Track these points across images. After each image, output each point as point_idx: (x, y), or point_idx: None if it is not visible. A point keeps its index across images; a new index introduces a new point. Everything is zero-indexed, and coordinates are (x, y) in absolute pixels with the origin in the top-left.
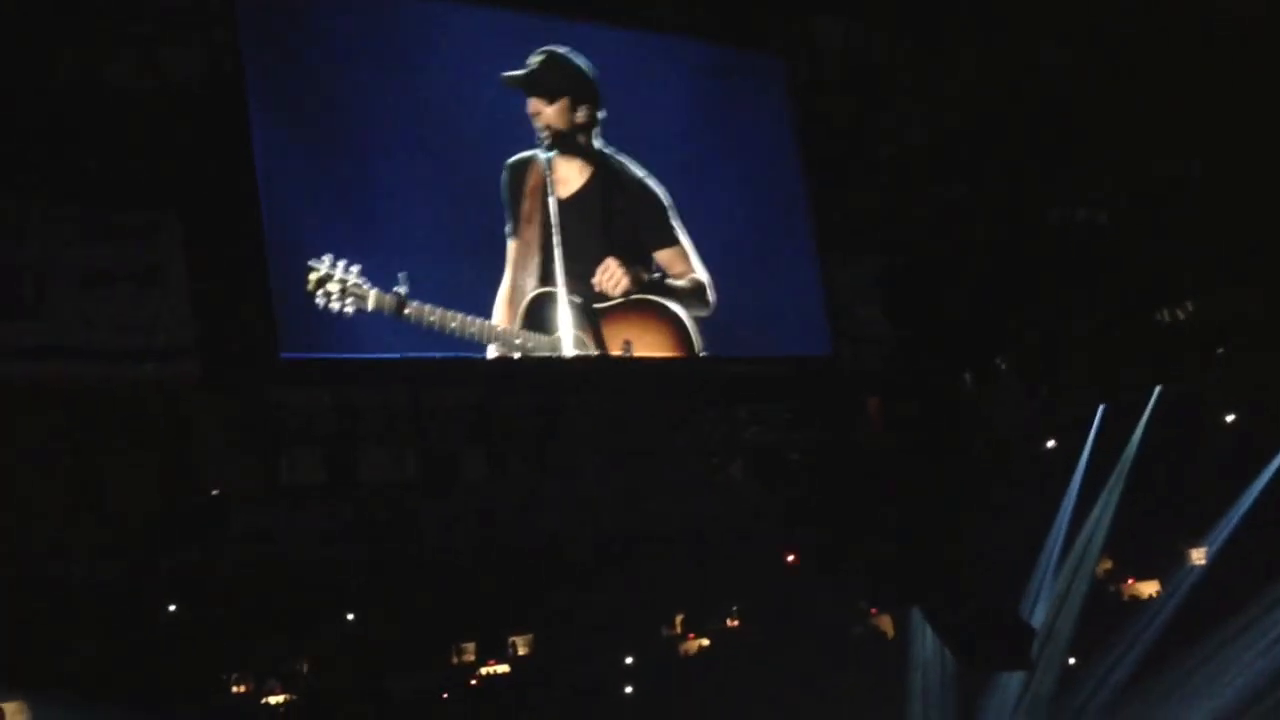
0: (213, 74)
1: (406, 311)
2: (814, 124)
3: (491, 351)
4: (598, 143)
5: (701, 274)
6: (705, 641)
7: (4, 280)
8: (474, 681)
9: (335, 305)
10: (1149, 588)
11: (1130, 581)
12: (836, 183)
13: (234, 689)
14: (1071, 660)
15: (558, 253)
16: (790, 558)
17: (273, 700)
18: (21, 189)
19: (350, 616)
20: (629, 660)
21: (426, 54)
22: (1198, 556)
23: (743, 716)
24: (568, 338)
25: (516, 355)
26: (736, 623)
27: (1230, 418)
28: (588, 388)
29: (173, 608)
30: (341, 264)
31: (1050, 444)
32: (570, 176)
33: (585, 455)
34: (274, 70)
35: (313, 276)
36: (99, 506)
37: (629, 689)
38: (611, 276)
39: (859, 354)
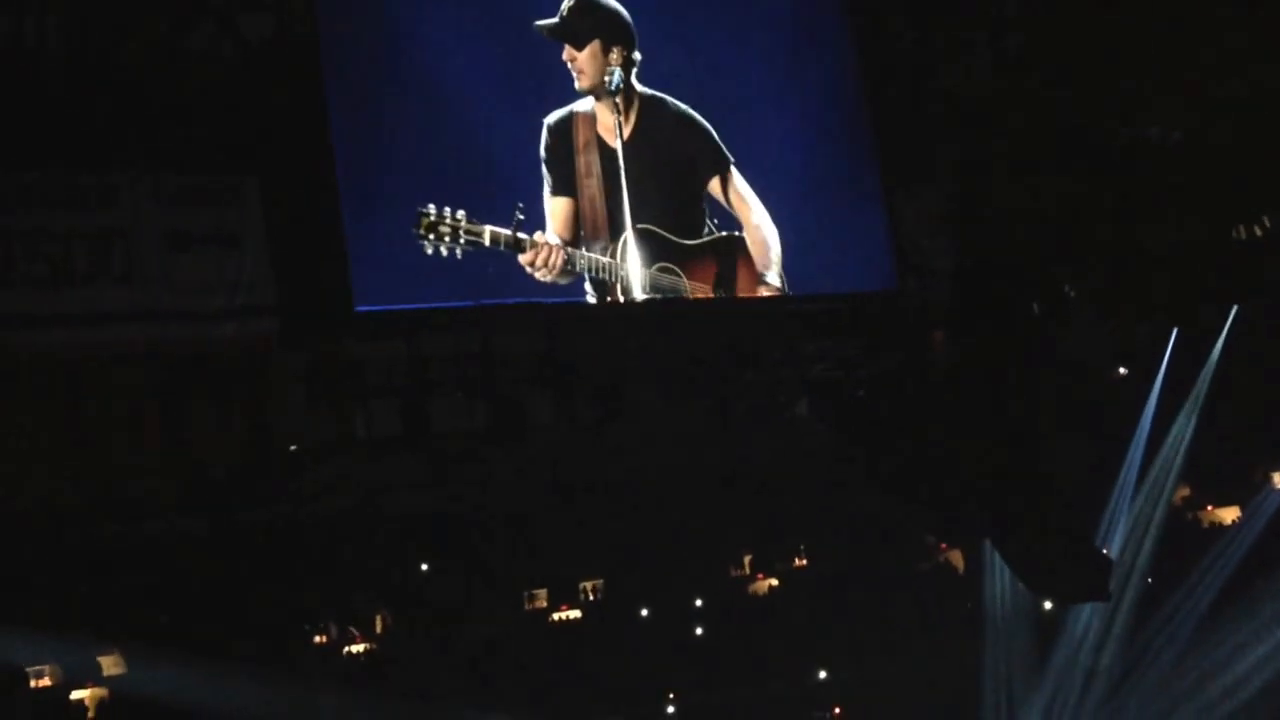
0: (287, 38)
1: (526, 243)
2: (876, 54)
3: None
4: (637, 85)
5: (760, 210)
6: (774, 581)
7: (94, 246)
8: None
9: (446, 248)
10: (1229, 514)
11: (1209, 508)
12: (900, 113)
13: (315, 639)
14: (1150, 584)
15: (625, 198)
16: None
17: (354, 649)
18: (108, 158)
19: (425, 566)
20: (699, 602)
21: (483, 6)
22: None
23: (814, 655)
24: (636, 280)
25: (592, 300)
26: (805, 562)
27: None
28: (655, 330)
29: (255, 561)
30: (448, 209)
31: (1123, 370)
32: (620, 122)
33: (652, 397)
34: (346, 32)
35: (424, 221)
36: (184, 463)
37: (699, 630)
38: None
39: (925, 287)
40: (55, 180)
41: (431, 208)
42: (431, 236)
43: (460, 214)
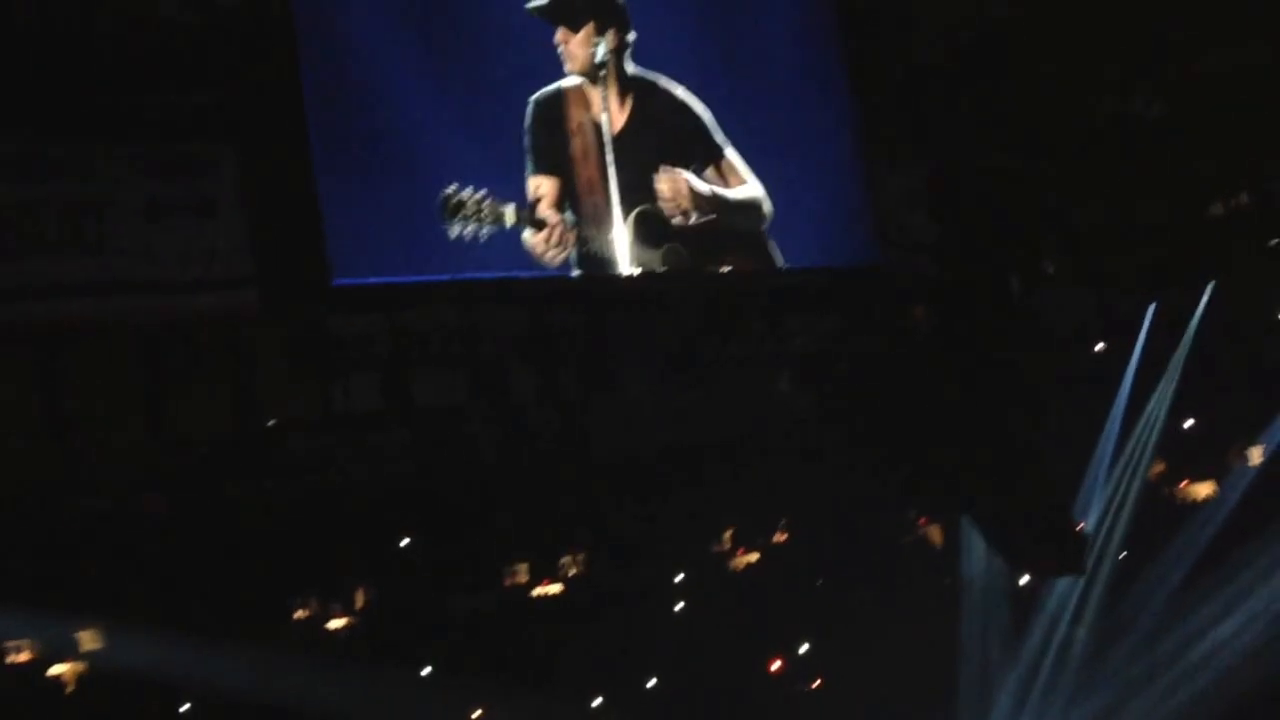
0: (261, 6)
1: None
2: (860, 27)
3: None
4: (630, 67)
5: (755, 184)
6: (755, 556)
7: (68, 217)
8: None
9: (471, 229)
10: (1204, 489)
11: (1185, 484)
12: (883, 87)
13: (297, 614)
14: (1126, 558)
15: (613, 183)
16: None
17: (335, 625)
18: (80, 127)
19: (406, 540)
20: (680, 577)
21: None
22: (1255, 456)
23: (794, 630)
24: (641, 262)
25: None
26: (786, 537)
27: None
28: (638, 304)
29: (235, 536)
30: (469, 188)
31: (1100, 346)
32: (612, 106)
33: (633, 371)
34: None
35: (449, 203)
36: (163, 437)
37: (680, 605)
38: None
39: (907, 261)
40: (27, 150)
41: (453, 188)
42: (459, 218)
43: (481, 192)
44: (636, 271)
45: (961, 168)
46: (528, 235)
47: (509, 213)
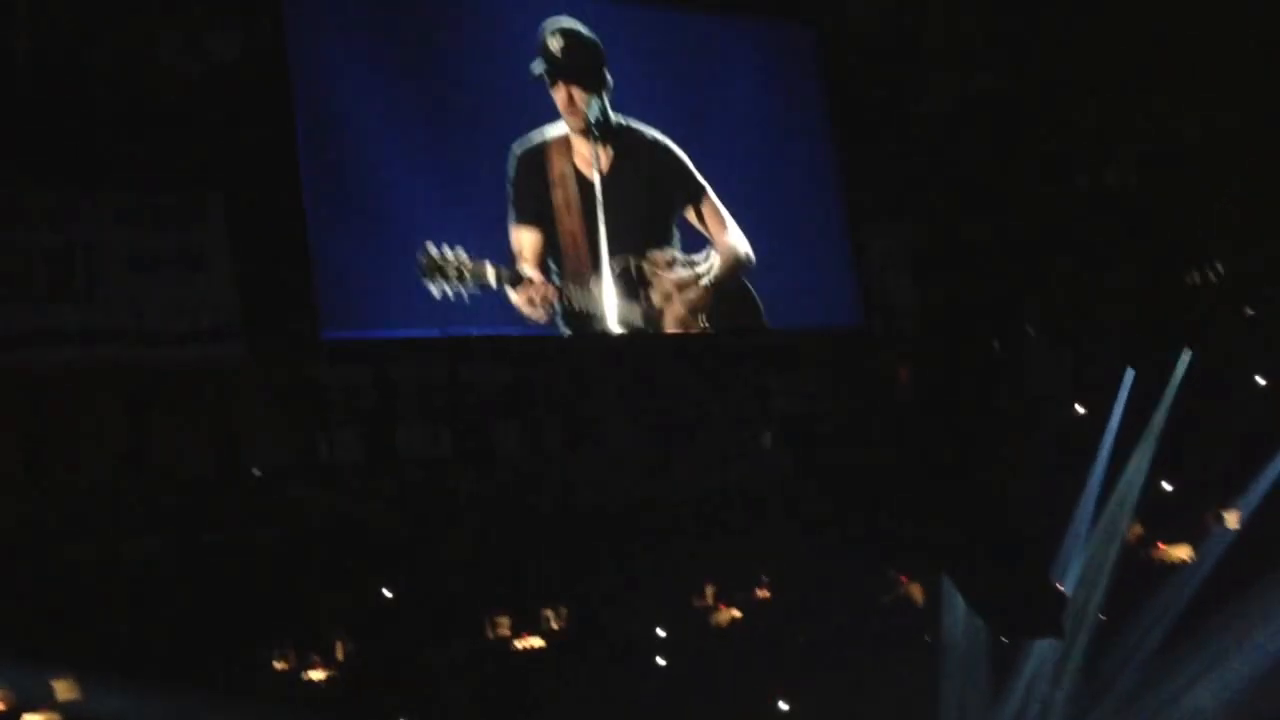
0: (255, 57)
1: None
2: (845, 90)
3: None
4: (614, 116)
5: (735, 229)
6: (736, 612)
7: (56, 265)
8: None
9: (452, 289)
10: (1181, 552)
11: (1161, 546)
12: (868, 150)
13: (276, 665)
14: (1104, 620)
15: (602, 233)
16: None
17: (314, 676)
18: (70, 174)
19: (387, 593)
20: (661, 632)
21: (450, 32)
22: (1231, 520)
23: (775, 686)
24: (621, 314)
25: (567, 332)
26: (767, 593)
27: (1261, 380)
28: (623, 362)
29: (216, 586)
30: (446, 248)
31: (1080, 410)
32: (598, 155)
33: (617, 427)
34: (314, 53)
35: (427, 264)
36: (146, 486)
37: (661, 661)
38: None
39: (891, 323)
40: (15, 197)
41: (431, 248)
42: (439, 277)
43: (460, 251)
44: (621, 330)
45: (945, 231)
46: (511, 292)
47: (490, 272)
